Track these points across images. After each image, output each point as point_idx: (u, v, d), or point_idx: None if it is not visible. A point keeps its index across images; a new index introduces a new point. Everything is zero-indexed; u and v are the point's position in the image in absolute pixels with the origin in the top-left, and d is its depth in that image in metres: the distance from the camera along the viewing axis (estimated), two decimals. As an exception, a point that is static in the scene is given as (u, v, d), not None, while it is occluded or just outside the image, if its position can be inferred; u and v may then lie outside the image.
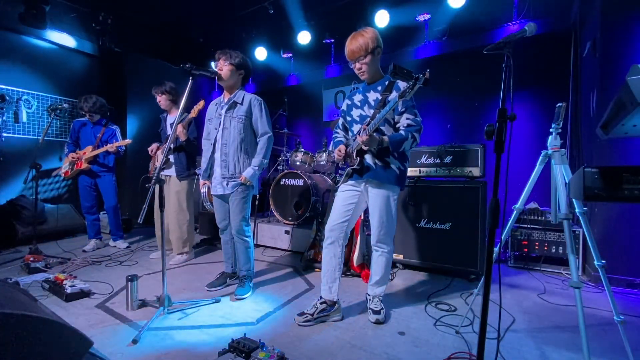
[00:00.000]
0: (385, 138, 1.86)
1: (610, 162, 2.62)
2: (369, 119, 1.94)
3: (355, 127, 2.08)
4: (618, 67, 2.59)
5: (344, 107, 2.20)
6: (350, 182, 2.05)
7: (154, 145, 3.30)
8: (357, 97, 2.09)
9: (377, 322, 1.98)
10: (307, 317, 1.97)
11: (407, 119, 1.90)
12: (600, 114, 2.05)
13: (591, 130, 2.66)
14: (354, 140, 2.02)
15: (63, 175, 3.55)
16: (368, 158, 1.98)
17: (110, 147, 3.41)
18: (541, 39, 3.63)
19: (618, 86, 1.01)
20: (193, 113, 2.77)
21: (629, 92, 0.93)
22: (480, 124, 4.05)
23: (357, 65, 1.97)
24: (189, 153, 3.21)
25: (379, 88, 2.00)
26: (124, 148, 3.55)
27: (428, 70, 1.65)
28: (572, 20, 3.53)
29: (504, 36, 1.26)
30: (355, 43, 1.92)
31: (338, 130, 2.28)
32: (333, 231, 2.05)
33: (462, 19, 4.09)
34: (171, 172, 3.18)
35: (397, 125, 1.95)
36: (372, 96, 2.00)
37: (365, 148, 1.91)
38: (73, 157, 3.49)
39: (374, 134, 1.85)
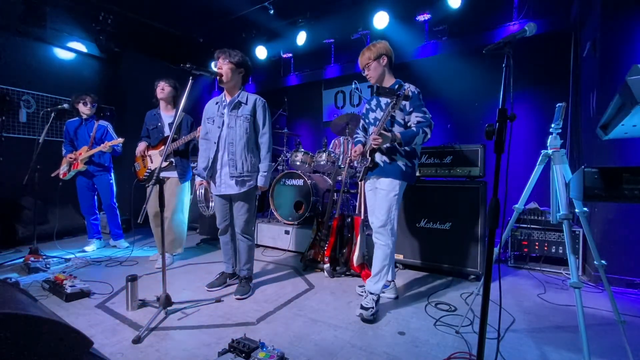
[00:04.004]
0: (398, 134, 2.03)
1: (610, 162, 2.62)
2: (379, 121, 2.11)
3: (372, 129, 2.26)
4: (618, 67, 2.59)
5: (364, 110, 2.43)
6: (369, 180, 2.28)
7: (143, 145, 3.13)
8: (373, 102, 2.30)
9: (362, 319, 2.00)
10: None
11: (417, 117, 2.09)
12: (600, 114, 2.05)
13: (591, 130, 2.66)
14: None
15: (62, 176, 3.55)
16: (377, 156, 2.17)
17: (104, 147, 3.38)
18: (541, 39, 3.63)
19: (618, 86, 1.01)
20: (198, 132, 2.69)
21: (629, 92, 0.93)
22: (480, 124, 4.05)
23: (366, 72, 2.22)
24: (189, 157, 3.22)
25: None
26: (120, 146, 3.53)
27: (408, 86, 2.09)
28: (572, 20, 3.53)
29: (504, 36, 1.26)
30: (363, 56, 2.20)
31: (359, 131, 2.47)
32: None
33: (462, 19, 4.09)
34: (172, 173, 3.12)
35: (409, 124, 2.13)
36: (384, 100, 2.20)
37: (375, 147, 2.07)
38: (70, 158, 3.49)
39: (388, 132, 2.01)
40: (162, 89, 3.12)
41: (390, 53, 2.19)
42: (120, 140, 3.42)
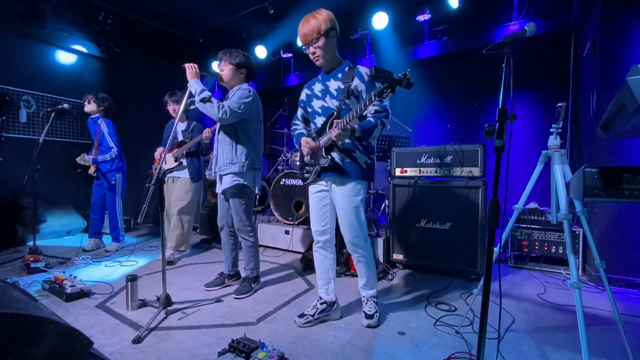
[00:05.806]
0: (356, 126, 1.74)
1: (610, 162, 2.62)
2: (335, 111, 1.84)
3: (318, 120, 1.95)
4: (618, 67, 2.59)
5: (303, 97, 2.08)
6: (319, 181, 1.94)
7: (160, 149, 3.40)
8: (317, 87, 1.98)
9: (369, 327, 1.94)
10: (307, 318, 1.96)
11: (374, 105, 1.76)
12: (600, 114, 2.05)
13: (591, 130, 2.66)
14: (320, 135, 1.89)
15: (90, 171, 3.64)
16: (334, 154, 1.85)
17: (79, 160, 3.50)
18: (541, 39, 3.63)
19: (618, 86, 1.01)
20: (203, 135, 3.03)
21: (629, 92, 0.93)
22: (480, 124, 4.05)
23: (311, 49, 1.86)
24: (201, 158, 3.40)
25: (339, 76, 1.89)
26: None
27: (408, 70, 1.57)
28: (572, 20, 3.53)
29: (504, 36, 1.26)
30: (307, 26, 1.82)
31: (297, 122, 2.13)
32: (320, 235, 2.01)
33: (462, 19, 4.09)
34: (183, 174, 3.31)
35: (364, 113, 1.80)
36: (334, 85, 1.89)
37: (337, 142, 1.79)
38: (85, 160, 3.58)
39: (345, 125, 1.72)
40: (174, 109, 3.37)
41: (337, 26, 1.86)
42: (85, 156, 3.50)
